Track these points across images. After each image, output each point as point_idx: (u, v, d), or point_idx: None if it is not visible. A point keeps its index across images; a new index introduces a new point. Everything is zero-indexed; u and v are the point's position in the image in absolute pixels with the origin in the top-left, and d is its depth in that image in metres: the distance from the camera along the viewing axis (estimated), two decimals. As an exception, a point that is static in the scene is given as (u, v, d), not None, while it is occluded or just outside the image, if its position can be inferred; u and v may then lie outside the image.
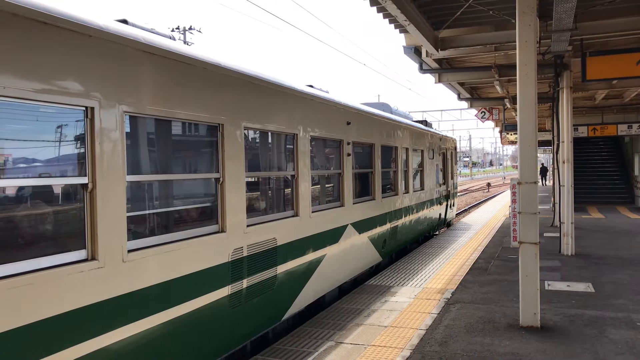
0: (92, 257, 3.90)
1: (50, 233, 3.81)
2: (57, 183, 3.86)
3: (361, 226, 9.31)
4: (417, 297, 8.00)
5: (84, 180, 3.85)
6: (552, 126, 15.38)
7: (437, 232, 16.83)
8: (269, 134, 6.66)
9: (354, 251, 9.03)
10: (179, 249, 4.79)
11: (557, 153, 12.38)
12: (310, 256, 7.39)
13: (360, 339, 6.15)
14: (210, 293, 5.16)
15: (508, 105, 20.07)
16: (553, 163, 15.55)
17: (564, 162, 11.76)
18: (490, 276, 9.39)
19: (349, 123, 8.74)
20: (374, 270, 10.54)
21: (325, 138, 8.07)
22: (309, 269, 7.37)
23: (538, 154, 7.80)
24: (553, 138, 13.95)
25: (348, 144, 8.73)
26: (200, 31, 37.49)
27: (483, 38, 11.07)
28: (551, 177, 29.78)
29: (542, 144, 28.65)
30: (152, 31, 4.92)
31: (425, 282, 8.98)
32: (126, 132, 4.22)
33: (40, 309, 3.45)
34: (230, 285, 5.48)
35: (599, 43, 11.67)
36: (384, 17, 9.79)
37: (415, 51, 12.76)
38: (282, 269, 6.56)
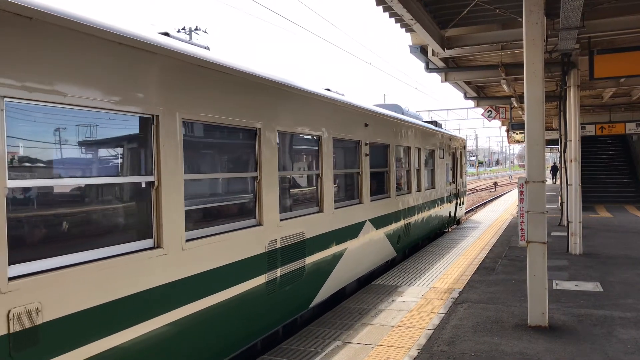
0: (158, 245, 4.49)
1: (124, 224, 4.39)
2: (130, 181, 4.47)
3: (378, 222, 9.77)
4: (424, 297, 7.98)
5: (151, 178, 4.47)
6: (559, 125, 15.29)
7: (446, 230, 17.08)
8: (298, 136, 7.21)
9: (371, 246, 9.51)
10: (226, 239, 5.39)
11: (564, 152, 12.31)
12: (334, 249, 7.91)
13: (367, 339, 6.14)
14: (250, 280, 5.74)
15: (515, 104, 19.99)
16: (560, 162, 15.46)
17: (571, 161, 11.69)
18: (498, 276, 9.36)
19: (366, 125, 9.24)
20: (389, 265, 10.87)
21: (346, 139, 8.54)
22: (333, 261, 7.89)
23: (546, 153, 7.79)
24: (560, 137, 13.88)
25: (366, 144, 9.21)
26: (206, 32, 37.58)
27: (490, 37, 11.03)
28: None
29: (549, 142, 28.51)
30: (190, 42, 5.45)
31: (432, 282, 8.96)
32: (183, 136, 4.79)
33: (118, 289, 4.02)
34: (266, 274, 6.06)
35: (606, 41, 11.60)
36: (390, 16, 9.78)
37: (421, 50, 12.73)
38: (309, 260, 7.09)
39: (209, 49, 5.72)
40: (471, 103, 22.19)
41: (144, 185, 4.46)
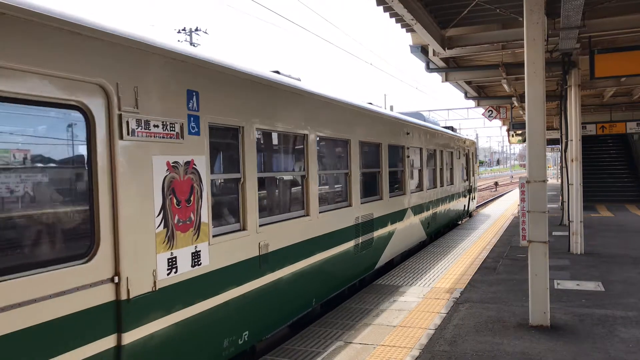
0: (307, 214, 7.01)
1: (294, 200, 7.01)
2: (296, 175, 7.11)
3: (415, 210, 12.26)
4: (425, 297, 7.98)
5: (304, 173, 7.03)
6: (560, 124, 15.29)
7: (459, 222, 18.76)
8: (368, 144, 9.53)
9: (411, 228, 11.95)
10: (335, 214, 7.88)
11: (565, 151, 12.31)
12: (389, 228, 10.31)
13: (369, 339, 6.15)
14: (346, 243, 8.24)
15: (515, 103, 19.98)
16: (561, 161, 15.48)
17: (572, 161, 11.69)
18: (499, 275, 9.36)
19: (407, 133, 11.69)
20: (420, 246, 13.15)
21: (395, 145, 10.87)
22: (388, 237, 10.29)
23: (546, 153, 7.81)
24: (561, 136, 13.87)
25: (407, 148, 11.63)
26: (206, 32, 37.60)
27: (490, 36, 11.03)
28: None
29: (550, 142, 28.48)
30: (288, 76, 7.15)
31: (433, 282, 8.96)
32: (317, 147, 7.30)
33: (294, 238, 6.61)
34: (354, 240, 8.52)
35: (607, 40, 11.60)
36: (391, 16, 9.78)
37: (422, 50, 12.73)
38: (376, 234, 9.54)
39: (300, 80, 7.51)
40: (472, 103, 22.18)
41: (300, 177, 7.05)
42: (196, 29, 36.79)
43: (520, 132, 30.66)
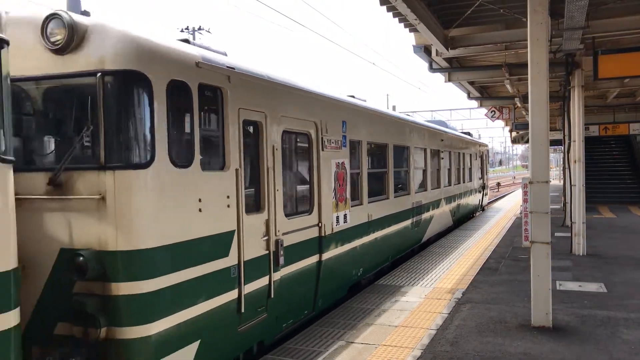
0: (387, 197, 10.05)
1: (381, 188, 9.94)
2: (378, 171, 9.91)
3: (446, 201, 15.28)
4: (427, 297, 7.98)
5: (386, 169, 10.11)
6: (562, 125, 15.26)
7: (474, 215, 21.06)
8: (418, 149, 12.34)
9: (443, 214, 15.00)
10: (400, 199, 10.77)
11: (568, 152, 12.29)
12: (431, 212, 13.33)
13: (370, 339, 6.14)
14: (406, 220, 11.19)
15: (518, 104, 19.95)
16: (564, 162, 15.48)
17: (575, 162, 11.67)
18: (501, 276, 9.35)
19: (442, 140, 14.70)
20: (447, 231, 15.78)
21: (434, 149, 13.80)
22: (430, 219, 13.30)
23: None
24: (564, 137, 13.85)
25: (442, 152, 14.56)
26: (209, 31, 37.60)
27: (493, 37, 11.02)
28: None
29: (553, 143, 28.35)
30: (356, 98, 9.41)
31: (435, 282, 8.95)
32: (393, 152, 10.61)
33: (384, 211, 9.79)
34: (410, 219, 11.49)
35: (610, 41, 11.57)
36: (394, 16, 9.77)
37: (425, 50, 12.73)
38: (423, 216, 12.55)
39: (365, 101, 9.79)
40: (474, 103, 22.17)
41: (383, 172, 10.05)
42: (199, 28, 36.79)
43: (518, 132, 30.59)
